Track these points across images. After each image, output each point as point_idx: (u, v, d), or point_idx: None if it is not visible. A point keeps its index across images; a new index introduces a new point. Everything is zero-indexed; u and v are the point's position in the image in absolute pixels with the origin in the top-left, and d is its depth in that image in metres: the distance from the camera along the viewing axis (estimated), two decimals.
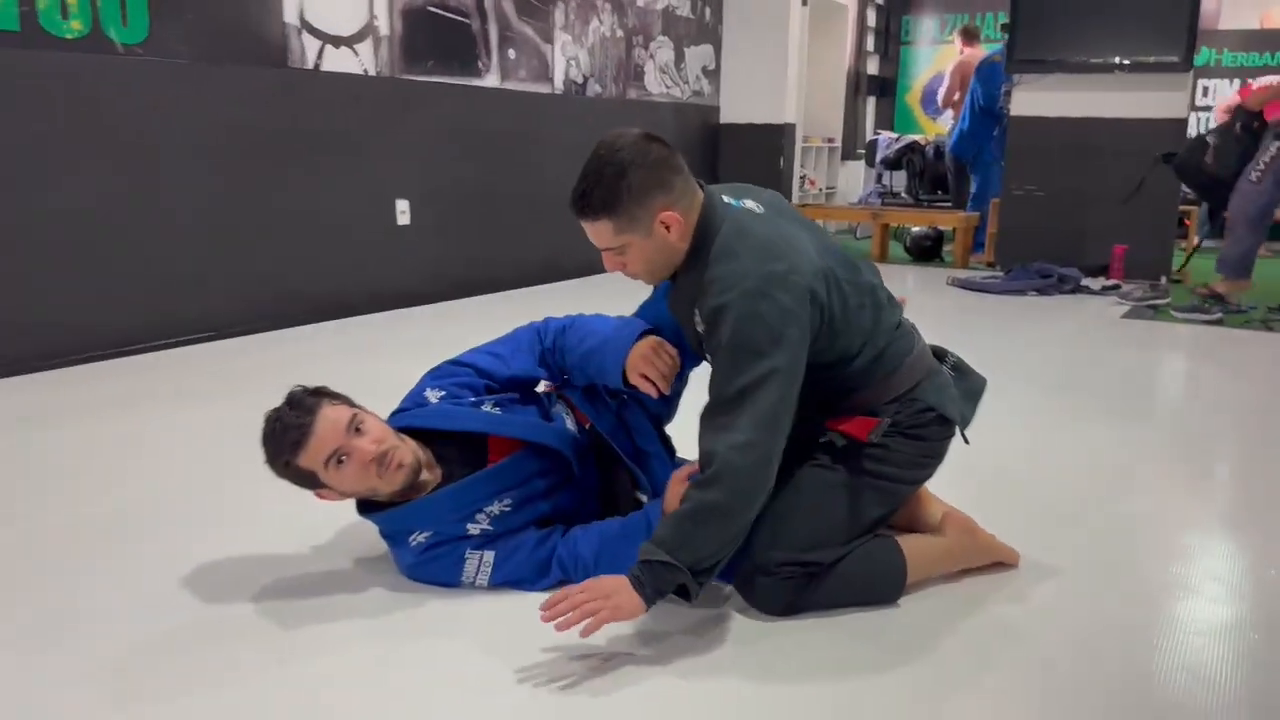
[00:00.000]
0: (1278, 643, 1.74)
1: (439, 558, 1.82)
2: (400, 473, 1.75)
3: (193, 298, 3.93)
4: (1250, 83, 6.87)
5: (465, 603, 1.80)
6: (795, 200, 7.47)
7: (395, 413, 1.93)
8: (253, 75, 4.06)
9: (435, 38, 4.86)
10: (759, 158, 7.14)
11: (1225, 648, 1.74)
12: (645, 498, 1.95)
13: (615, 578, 1.59)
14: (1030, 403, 3.27)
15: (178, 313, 3.89)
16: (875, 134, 9.25)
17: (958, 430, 1.88)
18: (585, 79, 5.90)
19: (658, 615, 1.66)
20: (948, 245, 7.26)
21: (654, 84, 6.51)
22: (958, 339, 2.23)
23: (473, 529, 1.82)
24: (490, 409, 1.92)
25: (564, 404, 2.03)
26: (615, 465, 1.98)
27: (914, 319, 1.94)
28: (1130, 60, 5.96)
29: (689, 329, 1.76)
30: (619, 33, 6.14)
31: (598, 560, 1.79)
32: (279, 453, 1.72)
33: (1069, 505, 2.39)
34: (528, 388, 2.05)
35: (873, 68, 9.76)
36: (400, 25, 4.66)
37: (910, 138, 8.58)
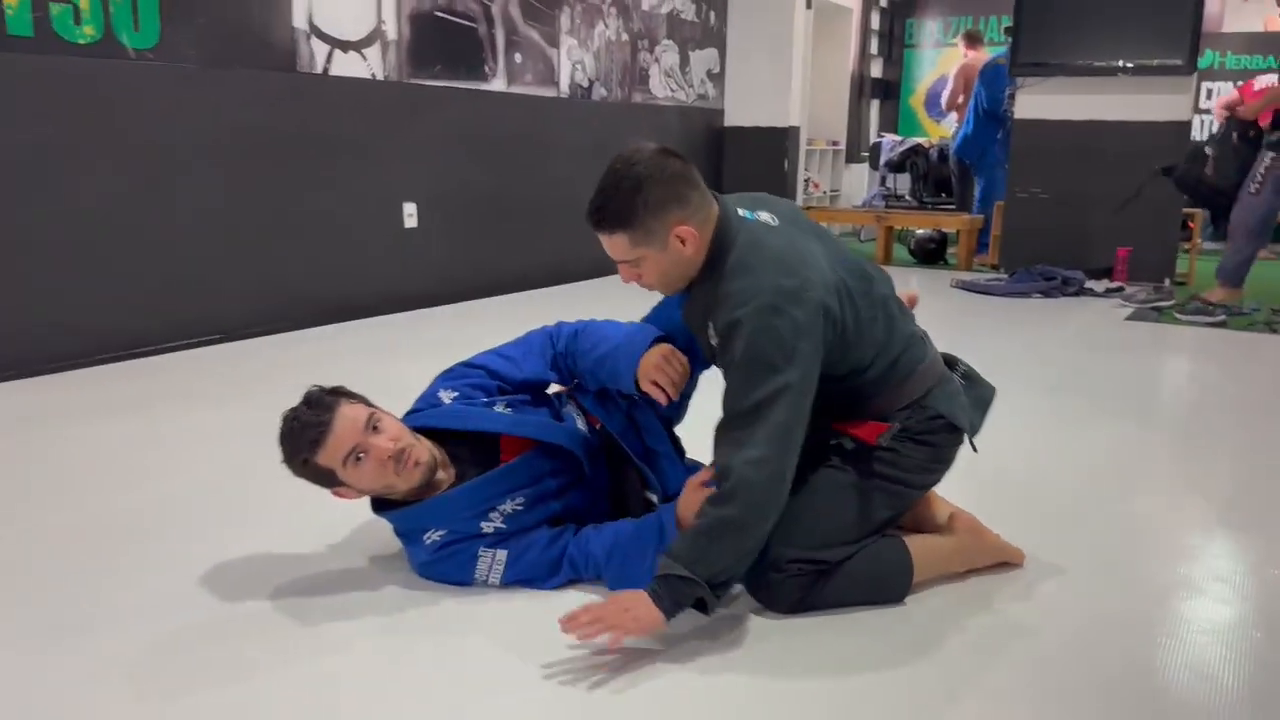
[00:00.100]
0: None
1: (453, 555, 1.85)
2: (417, 470, 1.78)
3: (202, 300, 3.96)
4: (1251, 82, 6.90)
5: (479, 601, 1.82)
6: (799, 203, 7.49)
7: (409, 413, 1.96)
8: (262, 79, 4.09)
9: (442, 42, 4.89)
10: (763, 161, 7.16)
11: (1228, 647, 1.76)
12: (655, 497, 1.98)
13: (634, 592, 1.62)
14: (1034, 404, 3.29)
15: (187, 315, 3.91)
16: (879, 137, 9.27)
17: (966, 438, 1.90)
18: (591, 83, 5.93)
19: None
20: (952, 248, 7.27)
21: (659, 87, 6.54)
22: (962, 341, 2.25)
23: (486, 527, 1.85)
24: (502, 410, 1.95)
25: (574, 405, 2.06)
26: (625, 465, 2.00)
27: (918, 321, 1.96)
28: (1134, 63, 5.97)
29: (703, 340, 1.79)
30: (624, 37, 6.17)
31: (609, 559, 1.82)
32: (298, 451, 1.74)
33: (1073, 505, 2.42)
34: (539, 390, 2.08)
35: (876, 71, 9.77)
36: (408, 30, 4.69)
37: (914, 140, 8.59)
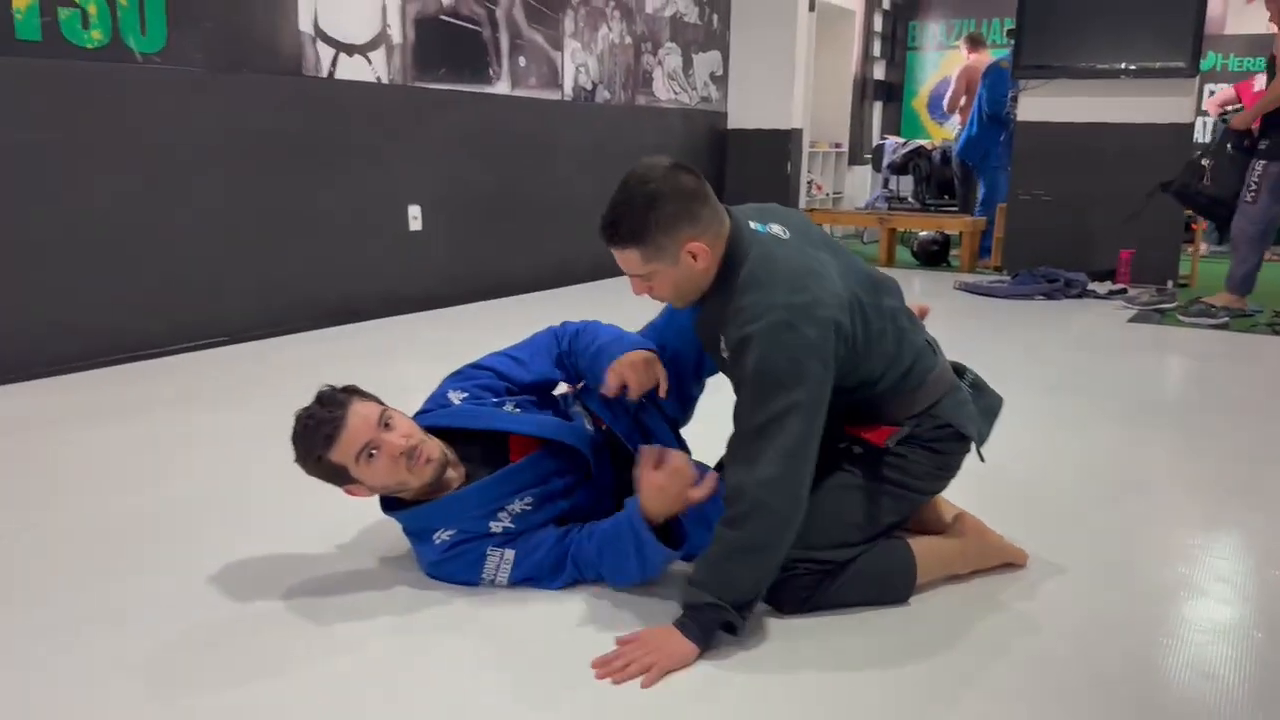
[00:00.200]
0: None
1: (461, 555, 1.87)
2: (429, 467, 1.80)
3: (206, 302, 3.98)
4: (1249, 82, 6.92)
5: (491, 601, 1.84)
6: (802, 205, 7.50)
7: (419, 413, 1.97)
8: (268, 83, 4.12)
9: (447, 46, 4.91)
10: (766, 163, 7.17)
11: (1229, 647, 1.77)
12: None
13: (664, 628, 1.64)
14: (1036, 405, 3.30)
15: (191, 317, 3.93)
16: (882, 139, 9.28)
17: (974, 447, 1.92)
18: (594, 85, 5.95)
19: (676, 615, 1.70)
20: (954, 250, 7.29)
21: (662, 90, 6.56)
22: (965, 343, 2.26)
23: (495, 527, 1.87)
24: (511, 410, 1.98)
25: (580, 405, 2.07)
26: (630, 465, 2.02)
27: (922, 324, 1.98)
28: (1136, 65, 5.98)
29: (714, 354, 1.80)
30: (628, 40, 6.19)
31: (600, 557, 1.83)
32: (312, 448, 1.76)
33: (1075, 506, 2.43)
34: (546, 390, 2.10)
35: (879, 73, 9.78)
36: (413, 34, 4.71)
37: (917, 143, 8.60)
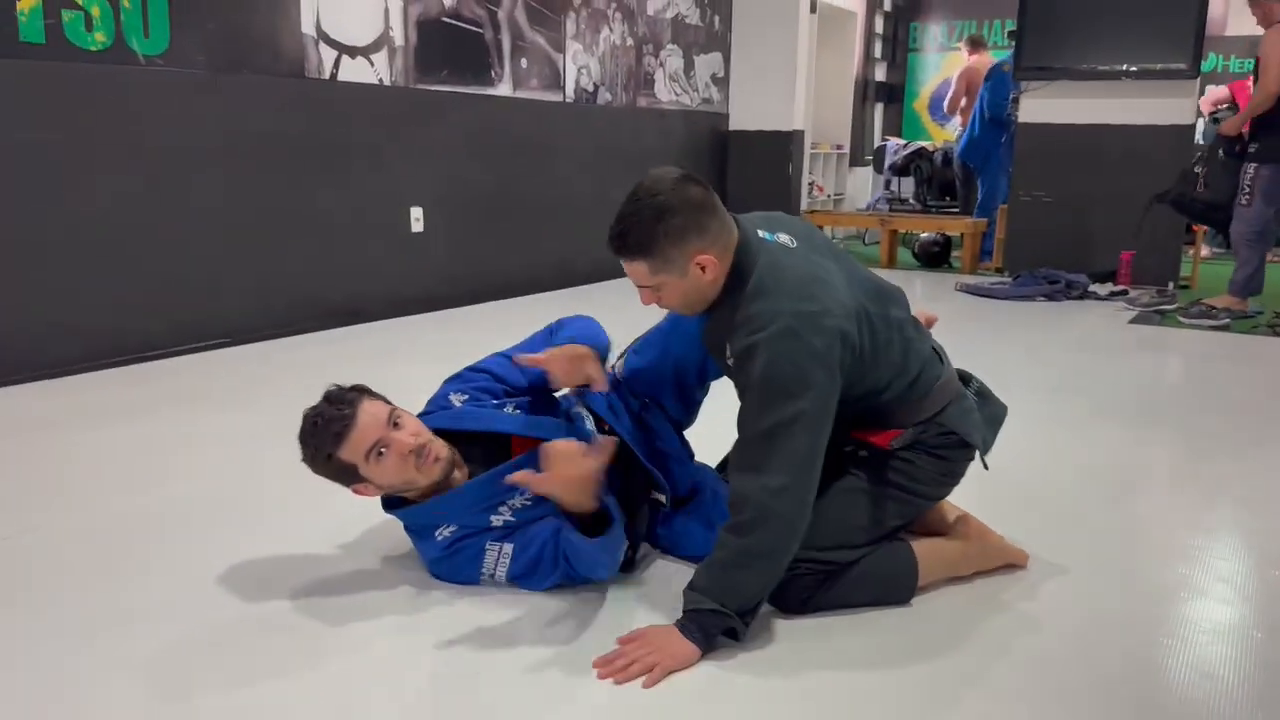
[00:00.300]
0: None
1: (463, 550, 1.87)
2: (437, 465, 1.82)
3: (208, 303, 3.99)
4: (1246, 81, 6.92)
5: (493, 601, 1.84)
6: (804, 207, 7.51)
7: (421, 415, 1.98)
8: (270, 85, 4.13)
9: (449, 48, 4.92)
10: (768, 164, 7.18)
11: (1229, 647, 1.78)
12: (663, 498, 2.02)
13: (665, 628, 1.65)
14: (1037, 406, 3.30)
15: (193, 318, 3.94)
16: (883, 140, 9.29)
17: (978, 454, 1.92)
18: (596, 87, 5.96)
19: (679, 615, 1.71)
20: (955, 251, 7.29)
21: (664, 92, 6.57)
22: (966, 344, 2.27)
23: (496, 520, 1.88)
24: (512, 412, 1.99)
25: (583, 406, 2.08)
26: (632, 466, 2.03)
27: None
28: (1137, 67, 5.99)
29: (720, 361, 1.81)
30: (629, 41, 6.20)
31: (578, 552, 1.79)
32: (321, 446, 1.77)
33: (1076, 507, 2.44)
34: (544, 391, 2.10)
35: (880, 74, 9.79)
36: (415, 35, 4.72)
37: (918, 144, 8.62)
